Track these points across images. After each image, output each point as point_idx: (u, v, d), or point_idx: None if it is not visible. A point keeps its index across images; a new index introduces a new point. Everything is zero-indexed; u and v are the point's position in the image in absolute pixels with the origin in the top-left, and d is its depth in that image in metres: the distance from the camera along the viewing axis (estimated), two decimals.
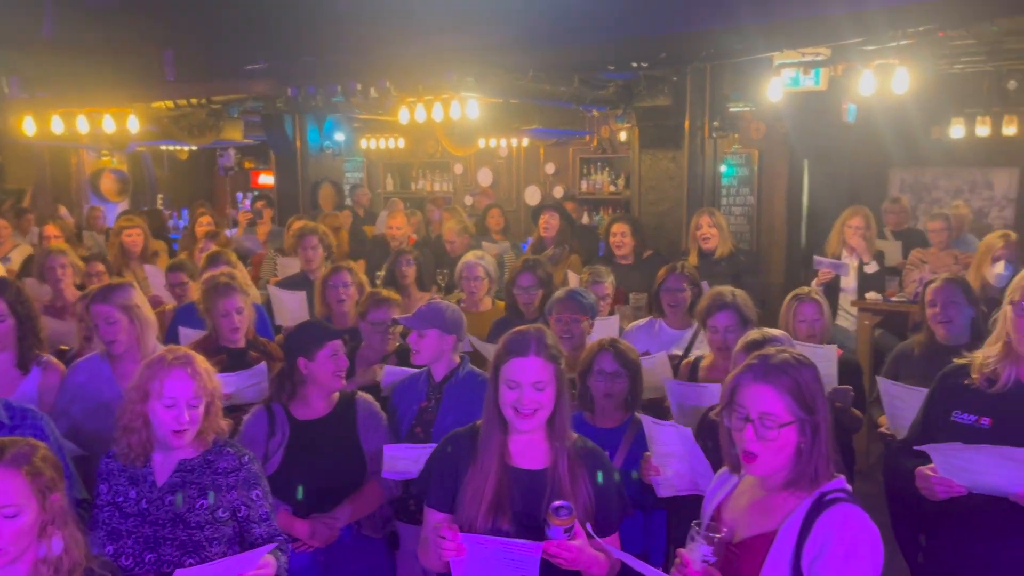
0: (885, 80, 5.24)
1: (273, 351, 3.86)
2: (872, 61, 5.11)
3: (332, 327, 3.31)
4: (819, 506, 1.93)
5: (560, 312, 3.82)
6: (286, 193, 8.88)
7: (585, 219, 10.31)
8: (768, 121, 8.27)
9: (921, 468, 2.28)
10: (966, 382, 2.39)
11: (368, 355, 3.86)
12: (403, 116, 6.83)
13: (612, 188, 10.42)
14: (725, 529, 2.01)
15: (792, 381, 1.96)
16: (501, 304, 4.84)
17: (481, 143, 9.94)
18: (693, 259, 5.62)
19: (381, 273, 5.48)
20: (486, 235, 7.61)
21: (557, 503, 2.13)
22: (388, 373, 3.53)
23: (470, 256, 4.81)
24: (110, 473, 2.55)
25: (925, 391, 3.02)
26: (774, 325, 3.87)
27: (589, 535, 2.19)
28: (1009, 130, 8.33)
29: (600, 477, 2.32)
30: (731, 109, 7.53)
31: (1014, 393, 2.31)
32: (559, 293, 3.93)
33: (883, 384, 3.42)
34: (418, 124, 6.95)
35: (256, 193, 12.13)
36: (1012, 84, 7.88)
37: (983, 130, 8.45)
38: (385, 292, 3.96)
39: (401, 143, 11.35)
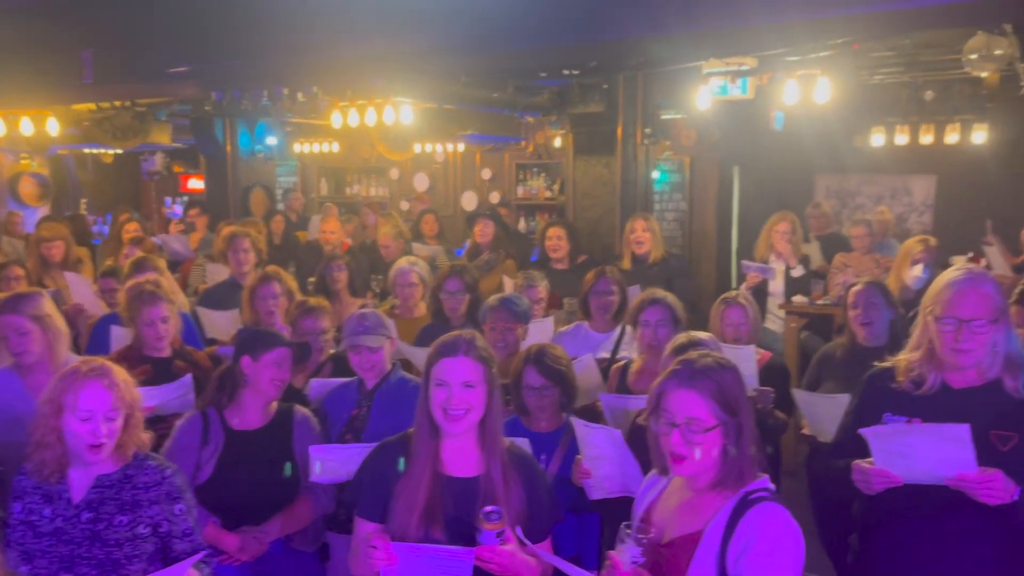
0: (808, 90, 5.41)
1: (200, 360, 3.77)
2: (795, 71, 5.27)
3: (286, 339, 3.25)
4: (743, 505, 1.97)
5: (494, 321, 3.82)
6: (216, 198, 8.70)
7: (522, 224, 10.36)
8: (699, 129, 8.45)
9: (857, 462, 2.32)
10: (893, 385, 2.46)
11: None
12: (336, 120, 6.76)
13: (548, 194, 10.49)
14: (654, 530, 2.04)
15: (715, 385, 2.00)
16: None
17: (417, 148, 9.90)
18: (627, 263, 5.70)
19: (313, 279, 5.40)
20: (420, 240, 7.57)
21: (488, 508, 2.13)
22: (314, 386, 3.46)
23: (403, 262, 4.76)
24: (23, 491, 2.44)
25: (837, 397, 3.11)
26: (705, 328, 3.94)
27: (521, 541, 2.19)
28: (926, 139, 8.66)
29: (532, 483, 2.33)
30: (663, 116, 7.66)
31: (941, 395, 2.38)
32: (492, 301, 3.92)
33: (798, 395, 3.53)
34: (353, 128, 6.89)
35: (186, 198, 11.85)
36: (929, 95, 8.22)
37: (902, 139, 8.77)
38: (314, 300, 3.89)
39: (336, 147, 11.21)
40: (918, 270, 4.87)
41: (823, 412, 3.22)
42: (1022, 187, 8.47)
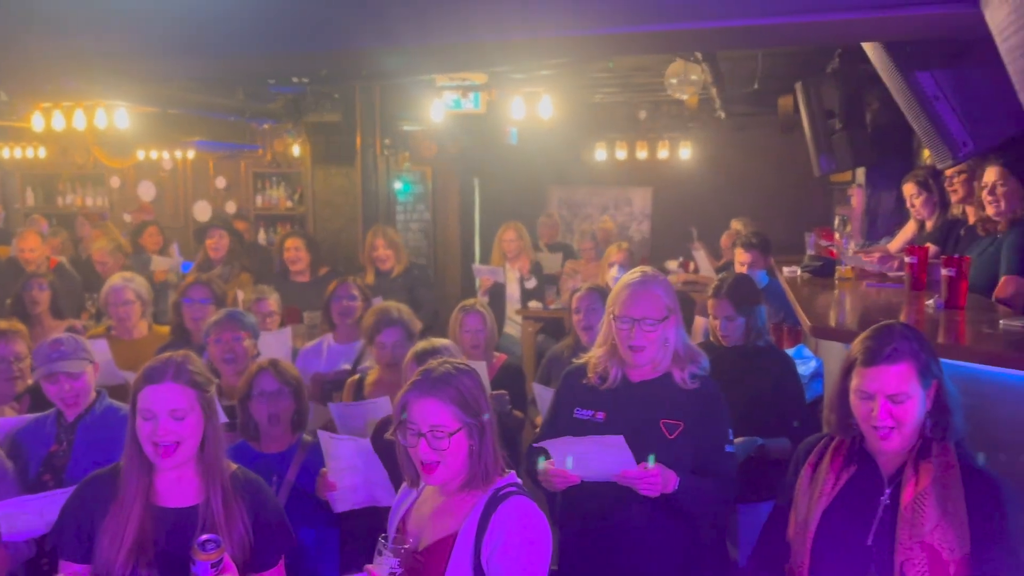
0: (534, 106, 5.73)
1: None
2: (521, 88, 5.56)
3: None
4: (494, 502, 2.03)
5: (219, 333, 3.61)
6: None
7: (261, 236, 9.92)
8: (439, 141, 8.64)
9: (542, 464, 2.49)
10: (584, 381, 2.65)
11: None
12: (37, 123, 6.03)
13: (289, 204, 10.13)
14: (411, 539, 2.05)
15: (455, 390, 2.04)
16: (161, 329, 4.45)
17: (140, 154, 9.14)
18: (370, 277, 5.66)
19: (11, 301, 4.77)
20: (144, 253, 7.00)
21: (203, 537, 2.01)
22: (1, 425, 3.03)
23: (116, 278, 4.34)
24: None
25: None
26: (447, 335, 4.03)
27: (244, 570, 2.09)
28: (641, 154, 9.56)
29: (259, 508, 2.22)
30: (404, 128, 7.74)
31: (622, 389, 2.60)
32: (215, 315, 3.71)
33: (536, 388, 3.71)
34: (62, 132, 6.20)
35: None
36: (642, 114, 9.08)
37: (622, 153, 9.61)
38: (3, 323, 3.42)
39: (42, 152, 10.02)
40: (614, 271, 5.35)
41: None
42: (720, 199, 9.59)
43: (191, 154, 9.55)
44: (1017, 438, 2.43)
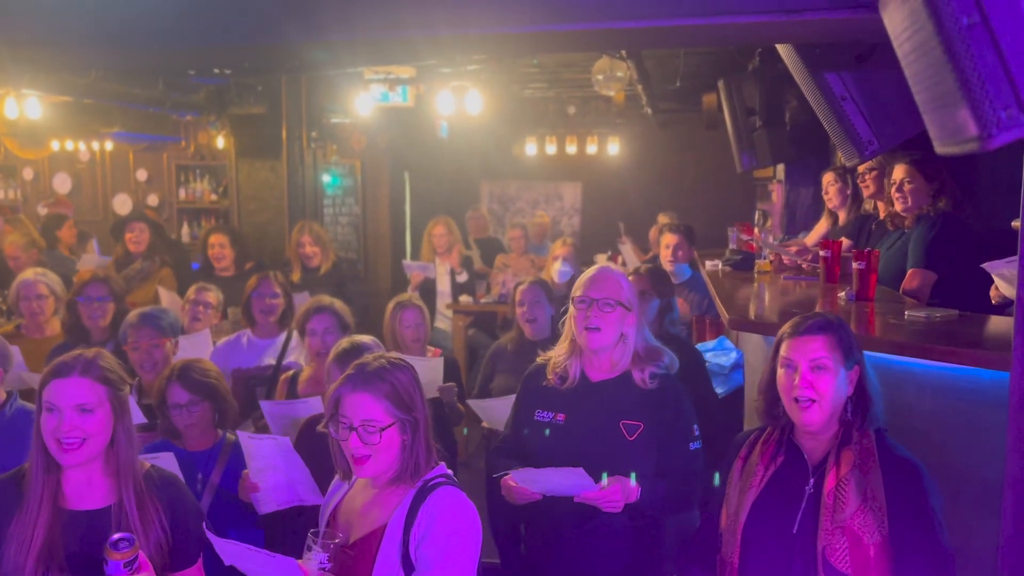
0: (462, 100, 5.72)
1: None
2: (450, 82, 5.55)
3: None
4: (423, 493, 2.04)
5: (136, 339, 3.51)
6: None
7: (185, 230, 9.68)
8: (369, 134, 8.55)
9: (504, 478, 2.49)
10: (544, 382, 2.65)
11: None
12: None
13: (213, 197, 9.90)
14: (341, 534, 2.04)
15: (389, 386, 2.04)
16: None
17: (55, 145, 8.81)
18: (296, 274, 5.58)
19: None
20: (56, 249, 6.74)
21: (116, 536, 1.96)
22: None
23: (29, 273, 4.19)
24: None
25: (508, 398, 3.33)
26: (379, 330, 4.01)
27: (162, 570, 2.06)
28: (571, 149, 9.65)
29: (176, 507, 2.18)
30: (332, 120, 7.63)
31: (581, 388, 2.61)
32: (131, 317, 3.60)
33: (473, 404, 3.74)
34: None
35: None
36: (571, 109, 9.17)
37: (551, 148, 9.69)
38: None
39: None
40: (558, 264, 5.44)
41: (498, 412, 3.43)
42: (648, 193, 9.76)
43: (109, 145, 9.25)
44: (920, 423, 2.56)
